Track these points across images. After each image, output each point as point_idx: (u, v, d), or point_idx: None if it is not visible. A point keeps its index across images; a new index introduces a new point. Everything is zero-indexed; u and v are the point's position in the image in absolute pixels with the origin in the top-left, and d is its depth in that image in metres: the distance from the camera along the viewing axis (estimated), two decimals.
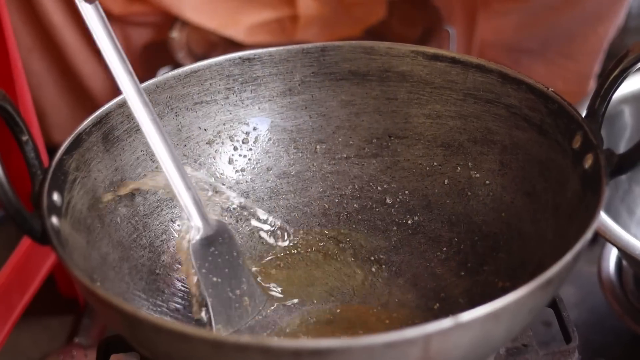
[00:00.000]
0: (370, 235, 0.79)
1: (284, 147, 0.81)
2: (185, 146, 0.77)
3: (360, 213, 0.80)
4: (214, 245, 0.71)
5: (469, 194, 0.77)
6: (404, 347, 0.52)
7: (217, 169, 0.79)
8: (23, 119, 0.64)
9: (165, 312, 0.70)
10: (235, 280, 0.72)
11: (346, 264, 0.77)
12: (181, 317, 0.71)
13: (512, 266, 0.71)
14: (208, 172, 0.78)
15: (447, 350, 0.54)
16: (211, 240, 0.71)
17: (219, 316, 0.69)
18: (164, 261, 0.73)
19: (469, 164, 0.77)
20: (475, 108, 0.76)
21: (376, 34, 1.27)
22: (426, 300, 0.73)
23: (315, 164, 0.81)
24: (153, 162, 0.75)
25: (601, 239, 0.87)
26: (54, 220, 0.61)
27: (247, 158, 0.80)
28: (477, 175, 0.76)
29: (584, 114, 0.68)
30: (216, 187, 0.77)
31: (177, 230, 0.75)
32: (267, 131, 0.80)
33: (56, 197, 0.63)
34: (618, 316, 0.96)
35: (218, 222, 0.72)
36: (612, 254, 1.01)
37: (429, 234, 0.77)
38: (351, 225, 0.80)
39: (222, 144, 0.79)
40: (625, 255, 0.88)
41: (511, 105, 0.74)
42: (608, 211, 0.88)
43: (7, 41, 0.93)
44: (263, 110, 0.80)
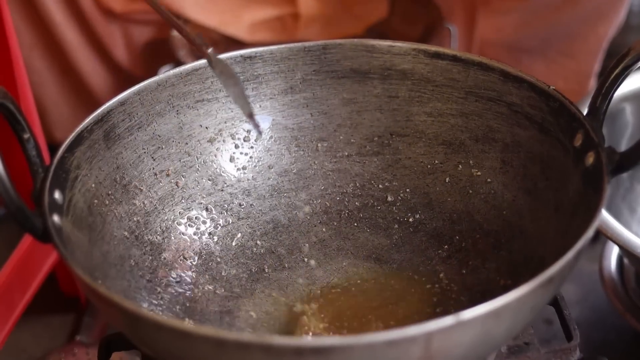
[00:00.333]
0: (371, 233, 0.79)
1: (285, 145, 0.81)
2: (187, 144, 0.77)
3: (362, 211, 0.80)
4: None
5: (470, 191, 0.77)
6: (405, 345, 0.52)
7: (219, 166, 0.79)
8: (24, 117, 0.64)
9: (167, 310, 0.70)
10: None
11: (347, 262, 0.77)
12: (182, 314, 0.71)
13: (514, 264, 0.71)
14: (209, 170, 0.78)
15: (448, 348, 0.54)
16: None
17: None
18: (165, 259, 0.73)
19: (470, 162, 0.77)
20: (477, 106, 0.76)
21: (378, 32, 1.26)
22: (427, 298, 0.73)
23: (316, 162, 0.81)
24: (154, 160, 0.75)
25: (602, 237, 0.87)
26: (56, 218, 0.61)
27: (249, 156, 0.80)
28: (479, 173, 0.76)
29: (585, 112, 0.68)
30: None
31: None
32: (269, 129, 0.80)
33: (57, 195, 0.63)
34: (619, 314, 0.96)
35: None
36: (614, 252, 1.01)
37: (431, 232, 0.77)
38: (352, 223, 0.80)
39: (224, 142, 0.79)
40: (626, 253, 0.88)
41: (512, 103, 0.74)
42: (609, 209, 0.88)
43: (8, 39, 0.93)
44: (264, 108, 0.80)
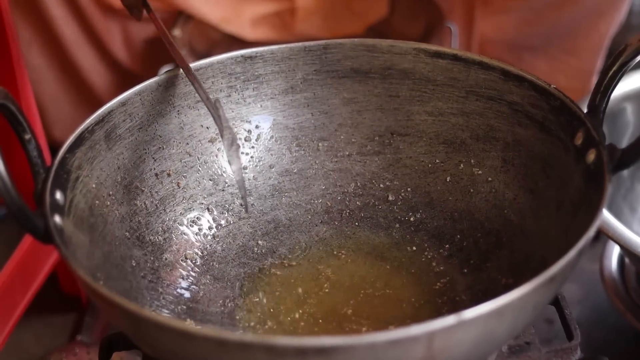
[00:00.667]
0: (372, 233, 0.79)
1: (286, 144, 0.81)
2: (188, 144, 0.77)
3: (363, 210, 0.80)
4: None
5: (471, 191, 0.77)
6: (407, 344, 0.52)
7: (220, 167, 0.79)
8: (25, 118, 0.64)
9: (169, 310, 0.70)
10: None
11: (348, 261, 0.77)
12: (184, 315, 0.71)
13: (515, 263, 0.71)
14: (210, 170, 0.78)
15: (450, 348, 0.54)
16: None
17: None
18: (166, 259, 0.73)
19: (471, 161, 0.77)
20: (478, 105, 0.76)
21: (378, 31, 1.27)
22: (429, 297, 0.73)
23: (317, 162, 0.81)
24: (155, 160, 0.75)
25: (603, 236, 0.87)
26: (57, 218, 0.61)
27: (250, 156, 0.80)
28: (480, 172, 0.76)
29: (585, 110, 0.68)
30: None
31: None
32: (270, 129, 0.80)
33: (59, 195, 0.63)
34: (620, 313, 0.96)
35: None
36: (615, 252, 1.01)
37: (432, 231, 0.77)
38: (353, 222, 0.80)
39: None
40: (627, 252, 0.88)
41: (513, 102, 0.74)
42: (610, 209, 0.88)
43: (9, 38, 0.93)
44: (265, 108, 0.80)
